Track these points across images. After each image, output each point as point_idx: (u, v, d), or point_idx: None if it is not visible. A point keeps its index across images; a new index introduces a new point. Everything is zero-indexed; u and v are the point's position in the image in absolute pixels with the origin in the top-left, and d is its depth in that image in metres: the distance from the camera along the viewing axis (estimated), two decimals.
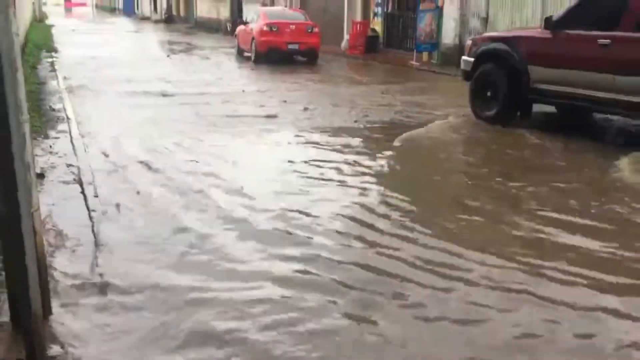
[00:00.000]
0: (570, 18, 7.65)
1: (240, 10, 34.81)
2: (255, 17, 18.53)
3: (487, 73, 8.48)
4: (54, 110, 8.63)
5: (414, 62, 17.18)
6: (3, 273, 2.81)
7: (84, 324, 2.96)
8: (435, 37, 17.31)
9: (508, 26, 15.54)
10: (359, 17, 22.07)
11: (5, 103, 2.36)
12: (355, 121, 8.69)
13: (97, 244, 3.93)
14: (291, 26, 17.46)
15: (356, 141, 7.39)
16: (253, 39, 17.39)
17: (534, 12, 14.88)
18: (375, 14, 21.60)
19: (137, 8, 61.82)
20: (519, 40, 8.31)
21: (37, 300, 2.54)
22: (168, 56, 19.52)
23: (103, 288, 3.34)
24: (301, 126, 8.23)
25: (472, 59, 8.77)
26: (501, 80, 8.20)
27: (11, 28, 2.39)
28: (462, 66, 9.13)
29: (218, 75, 14.13)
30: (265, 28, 17.10)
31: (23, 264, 2.47)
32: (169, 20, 46.93)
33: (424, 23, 17.24)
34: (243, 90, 11.55)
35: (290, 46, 17.05)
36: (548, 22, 7.84)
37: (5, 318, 2.74)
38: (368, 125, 8.45)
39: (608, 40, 6.92)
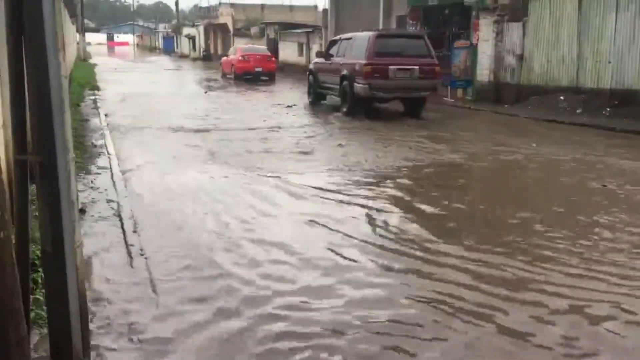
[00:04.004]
0: (327, 52, 15.94)
1: (276, 48, 35.62)
2: (233, 52, 28.05)
3: (310, 80, 16.75)
4: (95, 146, 8.87)
5: (448, 99, 17.19)
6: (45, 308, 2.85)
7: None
8: (469, 74, 17.34)
9: (543, 64, 15.48)
10: None
11: (53, 143, 2.44)
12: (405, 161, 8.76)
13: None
14: (257, 56, 26.59)
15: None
16: (232, 65, 26.55)
17: (570, 49, 14.78)
18: None
19: (177, 47, 63.74)
20: (316, 63, 16.55)
21: (78, 337, 2.56)
22: (206, 92, 20.00)
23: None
24: (338, 163, 8.30)
25: (308, 72, 17.22)
26: (312, 83, 16.53)
27: (61, 72, 2.48)
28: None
29: (254, 112, 14.38)
30: (240, 58, 26.19)
31: (66, 300, 2.51)
32: (206, 58, 48.18)
33: (459, 60, 17.31)
34: (279, 127, 11.71)
35: (256, 69, 25.93)
36: (320, 54, 16.76)
37: (46, 354, 2.77)
38: (398, 165, 8.49)
39: (329, 61, 15.38)
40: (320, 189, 6.65)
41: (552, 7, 15.25)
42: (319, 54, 16.53)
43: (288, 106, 15.70)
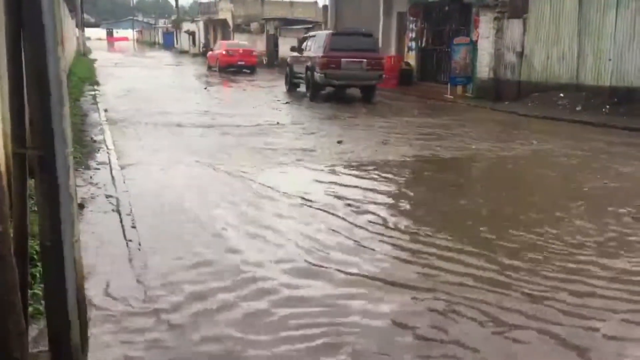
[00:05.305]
0: (299, 47, 18.41)
1: (276, 44, 35.61)
2: (218, 47, 31.07)
3: (287, 71, 19.25)
4: (94, 141, 8.85)
5: (448, 95, 17.17)
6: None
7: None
8: (469, 71, 17.32)
9: (543, 61, 15.47)
10: (393, 53, 22.33)
11: (52, 137, 2.43)
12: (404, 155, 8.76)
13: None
14: (240, 51, 29.17)
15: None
16: (217, 58, 29.06)
17: (570, 46, 14.76)
18: (410, 49, 21.77)
19: (177, 42, 63.60)
20: (292, 57, 18.96)
21: (76, 331, 2.56)
22: (205, 88, 19.97)
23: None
24: (337, 159, 8.29)
25: (287, 65, 19.70)
26: (289, 73, 18.95)
27: (60, 65, 2.47)
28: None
29: (254, 107, 14.37)
30: (224, 52, 28.82)
31: (64, 295, 2.50)
32: (206, 54, 48.04)
33: (459, 56, 17.29)
34: (277, 122, 11.70)
35: (239, 62, 28.74)
36: (295, 49, 18.90)
37: (44, 348, 2.77)
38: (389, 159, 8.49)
39: (301, 54, 17.84)
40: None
41: (553, 4, 15.22)
42: (292, 49, 19.25)
43: (287, 102, 15.71)
